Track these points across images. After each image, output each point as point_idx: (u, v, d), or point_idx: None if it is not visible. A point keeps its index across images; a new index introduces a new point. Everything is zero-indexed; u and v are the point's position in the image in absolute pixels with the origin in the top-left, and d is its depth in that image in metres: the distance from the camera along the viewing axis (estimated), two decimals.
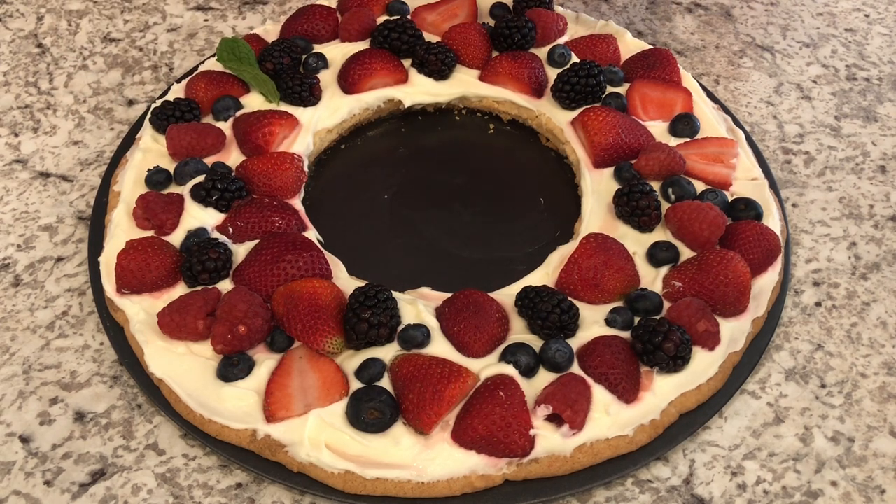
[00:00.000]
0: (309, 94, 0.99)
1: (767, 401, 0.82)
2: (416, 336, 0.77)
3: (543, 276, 0.86)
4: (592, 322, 0.81)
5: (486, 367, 0.76)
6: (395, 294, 0.81)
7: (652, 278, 0.85)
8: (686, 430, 0.77)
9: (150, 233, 0.86)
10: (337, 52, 1.06)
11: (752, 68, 1.16)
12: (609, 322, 0.81)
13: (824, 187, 1.01)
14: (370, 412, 0.72)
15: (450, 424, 0.73)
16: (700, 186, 0.92)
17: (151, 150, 0.96)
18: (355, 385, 0.75)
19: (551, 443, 0.73)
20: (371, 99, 1.03)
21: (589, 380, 0.76)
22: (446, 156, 1.03)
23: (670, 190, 0.90)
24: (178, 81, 1.04)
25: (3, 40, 1.18)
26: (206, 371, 0.77)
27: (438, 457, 0.72)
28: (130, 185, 0.92)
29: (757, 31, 1.22)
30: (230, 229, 0.86)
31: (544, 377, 0.76)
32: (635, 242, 0.87)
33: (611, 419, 0.74)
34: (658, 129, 0.98)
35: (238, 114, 0.98)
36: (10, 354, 0.84)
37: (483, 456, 0.72)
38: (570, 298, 0.81)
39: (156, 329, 0.79)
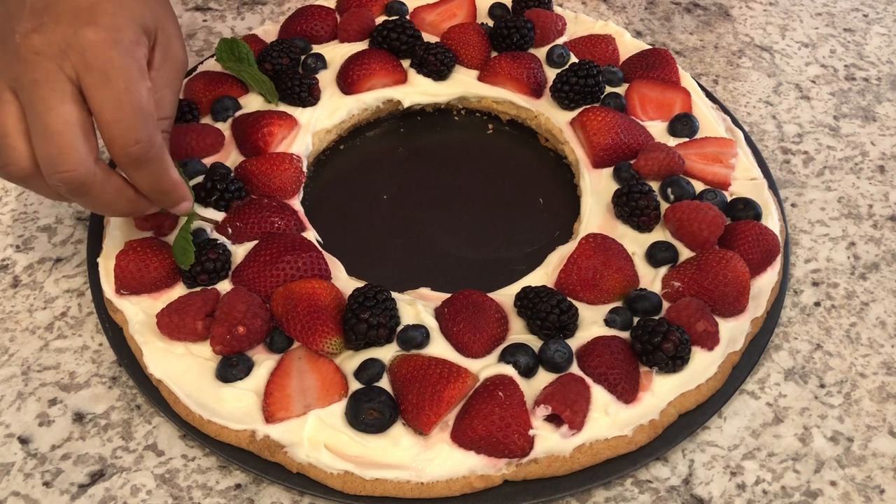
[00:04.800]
0: (308, 95, 0.99)
1: (767, 401, 0.82)
2: (416, 336, 0.77)
3: (542, 276, 0.86)
4: (591, 322, 0.81)
5: (486, 367, 0.76)
6: (394, 294, 0.81)
7: (651, 278, 0.85)
8: (685, 430, 0.77)
9: (149, 233, 0.86)
10: (336, 52, 1.06)
11: (750, 68, 1.16)
12: (608, 322, 0.81)
13: (823, 187, 1.01)
14: (369, 412, 0.72)
15: (449, 425, 0.73)
16: (699, 186, 0.92)
17: None
18: (354, 385, 0.75)
19: (550, 443, 0.73)
20: (370, 99, 1.03)
21: (588, 380, 0.76)
22: (445, 156, 1.03)
23: (669, 190, 0.90)
24: None
25: None
26: (205, 372, 0.77)
27: (438, 457, 0.72)
28: None
29: (756, 30, 1.22)
30: (229, 230, 0.86)
31: (543, 377, 0.76)
32: (634, 242, 0.87)
33: (610, 419, 0.74)
34: (657, 129, 0.98)
35: (237, 114, 0.98)
36: (8, 355, 0.84)
37: (482, 456, 0.72)
38: (569, 298, 0.81)
39: (155, 330, 0.79)
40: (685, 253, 0.86)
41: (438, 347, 0.78)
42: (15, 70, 0.68)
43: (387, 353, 0.78)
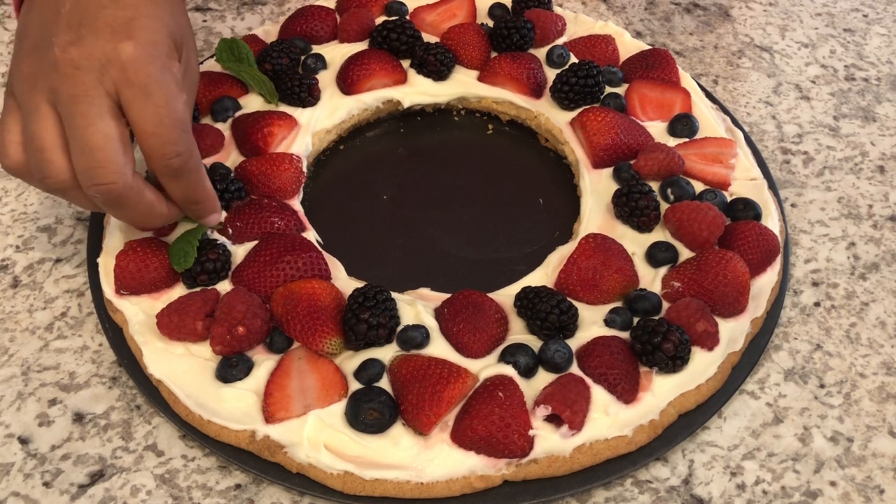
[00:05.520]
0: (308, 95, 0.99)
1: (766, 401, 0.82)
2: (416, 337, 0.77)
3: (542, 276, 0.86)
4: (591, 322, 0.81)
5: (486, 367, 0.76)
6: (394, 295, 0.81)
7: (651, 278, 0.85)
8: (685, 430, 0.77)
9: (149, 234, 0.86)
10: (336, 52, 1.06)
11: (750, 68, 1.16)
12: (608, 322, 0.81)
13: (823, 187, 1.01)
14: (369, 413, 0.72)
15: (449, 425, 0.73)
16: (699, 187, 0.92)
17: None
18: (354, 386, 0.75)
19: (550, 443, 0.73)
20: (370, 99, 1.03)
21: (588, 380, 0.76)
22: (445, 156, 1.03)
23: (669, 190, 0.90)
24: None
25: (3, 41, 1.18)
26: (204, 372, 0.77)
27: (437, 457, 0.72)
28: None
29: (755, 31, 1.22)
30: (229, 230, 0.86)
31: (543, 377, 0.76)
32: (634, 243, 0.87)
33: (610, 419, 0.74)
34: (657, 129, 0.98)
35: (237, 114, 0.98)
36: (8, 356, 0.84)
37: (482, 456, 0.72)
38: (569, 299, 0.81)
39: (154, 330, 0.79)
40: (685, 253, 0.86)
41: (438, 347, 0.78)
42: (53, 82, 0.69)
43: (387, 353, 0.78)
